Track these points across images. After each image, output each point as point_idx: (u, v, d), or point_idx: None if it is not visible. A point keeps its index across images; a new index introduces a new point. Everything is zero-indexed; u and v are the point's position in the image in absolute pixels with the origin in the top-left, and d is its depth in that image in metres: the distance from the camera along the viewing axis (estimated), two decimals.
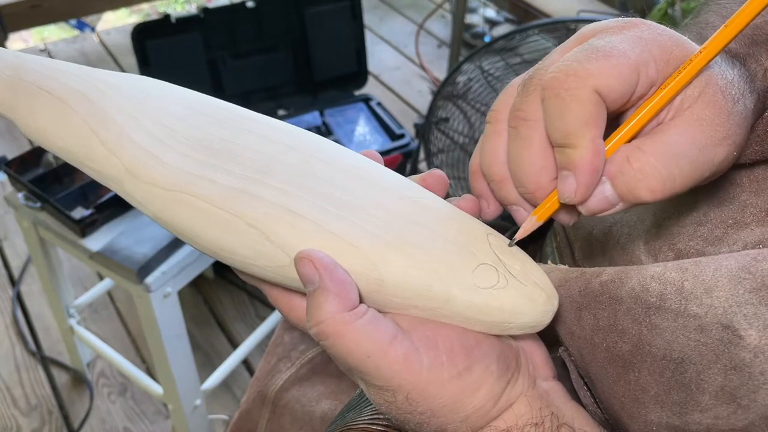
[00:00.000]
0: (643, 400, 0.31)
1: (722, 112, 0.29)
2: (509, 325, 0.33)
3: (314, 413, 0.54)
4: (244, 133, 0.36)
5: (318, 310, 0.30)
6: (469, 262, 0.33)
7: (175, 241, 1.08)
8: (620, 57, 0.28)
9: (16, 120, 0.36)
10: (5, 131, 2.19)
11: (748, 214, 0.33)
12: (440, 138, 1.46)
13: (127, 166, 0.34)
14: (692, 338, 0.29)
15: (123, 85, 0.37)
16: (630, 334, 0.32)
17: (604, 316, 0.33)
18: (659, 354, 0.31)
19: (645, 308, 0.31)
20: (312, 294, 0.31)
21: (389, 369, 0.30)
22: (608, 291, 0.33)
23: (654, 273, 0.32)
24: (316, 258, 0.31)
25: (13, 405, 1.46)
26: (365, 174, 0.35)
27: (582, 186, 0.29)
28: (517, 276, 0.33)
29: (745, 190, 0.34)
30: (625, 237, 0.38)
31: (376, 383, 0.31)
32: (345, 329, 0.30)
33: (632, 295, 0.32)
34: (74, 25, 2.73)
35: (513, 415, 0.33)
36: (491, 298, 0.32)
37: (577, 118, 0.28)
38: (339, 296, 0.30)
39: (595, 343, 0.34)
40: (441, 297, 0.32)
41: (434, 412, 0.32)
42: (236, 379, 1.49)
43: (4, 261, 1.78)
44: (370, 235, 0.32)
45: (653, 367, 0.31)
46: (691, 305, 0.30)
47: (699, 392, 0.29)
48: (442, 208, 0.35)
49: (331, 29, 1.76)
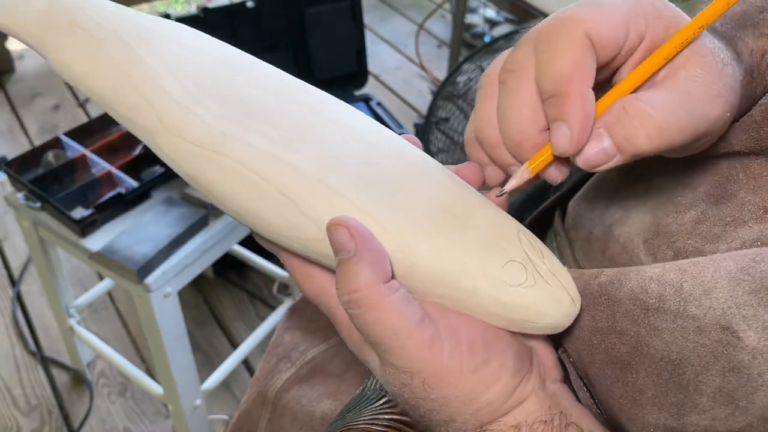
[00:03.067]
0: (641, 401, 0.31)
1: (714, 70, 0.30)
2: (531, 325, 0.33)
3: (314, 413, 0.54)
4: (280, 98, 0.35)
5: (353, 277, 0.30)
6: (499, 257, 0.32)
7: (175, 241, 1.08)
8: (611, 7, 0.29)
9: (48, 55, 0.34)
10: (5, 131, 2.19)
11: (746, 212, 0.33)
12: (440, 138, 1.46)
13: (160, 118, 0.33)
14: (691, 339, 0.29)
15: (162, 35, 0.35)
16: (628, 336, 0.32)
17: (603, 317, 0.33)
18: (658, 355, 0.31)
19: (644, 309, 0.31)
20: (346, 262, 0.30)
21: (413, 350, 0.30)
22: (607, 292, 0.33)
23: (653, 274, 0.32)
24: (352, 226, 0.30)
25: (13, 405, 1.46)
26: (403, 157, 0.34)
27: (576, 134, 0.29)
28: (545, 276, 0.33)
29: (742, 187, 0.34)
30: (625, 236, 0.38)
31: (395, 362, 0.31)
32: (378, 301, 0.30)
33: (631, 296, 0.32)
34: None
35: (523, 412, 0.33)
36: (518, 295, 0.32)
37: (567, 62, 0.28)
38: (375, 267, 0.30)
39: (594, 345, 0.34)
40: (468, 289, 0.32)
41: (447, 402, 0.31)
42: (236, 379, 1.49)
43: (4, 261, 1.78)
44: (403, 220, 0.32)
45: (651, 369, 0.31)
46: (689, 306, 0.30)
47: (697, 394, 0.29)
48: (476, 200, 0.34)
49: (331, 29, 1.76)
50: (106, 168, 1.17)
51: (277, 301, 1.62)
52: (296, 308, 0.64)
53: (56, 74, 1.58)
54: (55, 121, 2.23)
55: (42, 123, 2.23)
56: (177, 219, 1.11)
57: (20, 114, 2.27)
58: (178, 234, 1.09)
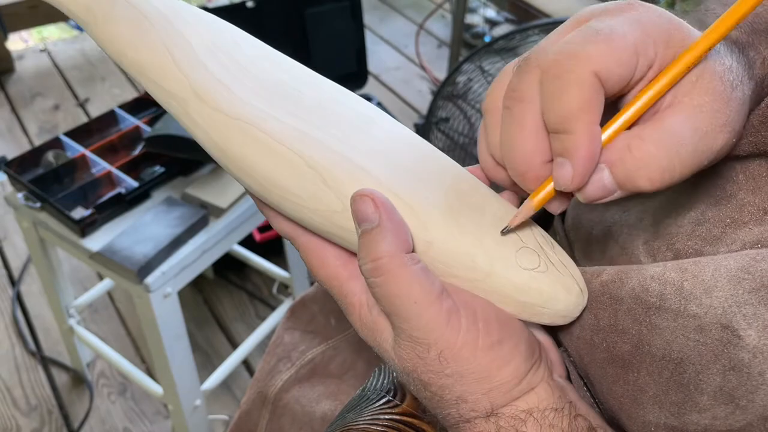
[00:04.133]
0: (642, 400, 0.31)
1: (721, 98, 0.29)
2: (543, 310, 0.34)
3: (314, 414, 0.54)
4: (311, 88, 0.37)
5: (376, 246, 0.30)
6: (513, 242, 0.33)
7: (175, 241, 1.08)
8: (620, 40, 0.28)
9: (89, 24, 0.37)
10: (5, 131, 2.19)
11: (746, 213, 0.33)
12: (440, 138, 1.46)
13: (195, 88, 0.35)
14: (692, 338, 0.29)
15: (203, 20, 0.38)
16: (630, 335, 0.32)
17: (605, 316, 0.33)
18: (659, 354, 0.31)
19: (645, 308, 0.31)
20: (369, 231, 0.31)
21: (432, 320, 0.31)
22: (609, 291, 0.33)
23: (654, 273, 0.32)
24: (377, 198, 0.31)
25: (13, 405, 1.46)
26: (423, 149, 0.36)
27: (579, 173, 0.29)
28: (556, 265, 0.34)
29: (741, 188, 0.34)
30: (625, 237, 0.38)
31: (413, 333, 0.31)
32: (401, 270, 0.30)
33: (632, 295, 0.32)
34: (74, 25, 2.73)
35: (536, 397, 0.33)
36: (531, 279, 0.33)
37: (575, 101, 0.28)
38: (397, 237, 0.31)
39: (595, 344, 0.34)
40: (484, 270, 0.33)
41: (461, 377, 0.32)
42: (236, 379, 1.49)
43: (4, 261, 1.78)
44: (425, 200, 0.33)
45: (652, 368, 0.31)
46: (690, 305, 0.30)
47: (697, 392, 0.29)
48: (490, 192, 0.36)
49: (331, 29, 1.76)
50: (106, 168, 1.17)
51: (277, 301, 1.62)
52: (296, 308, 0.64)
53: (58, 74, 1.58)
54: (55, 121, 2.23)
55: (42, 123, 2.23)
56: (177, 219, 1.11)
57: (20, 114, 2.27)
58: (178, 234, 1.09)
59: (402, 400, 0.41)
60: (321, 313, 0.62)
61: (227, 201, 1.16)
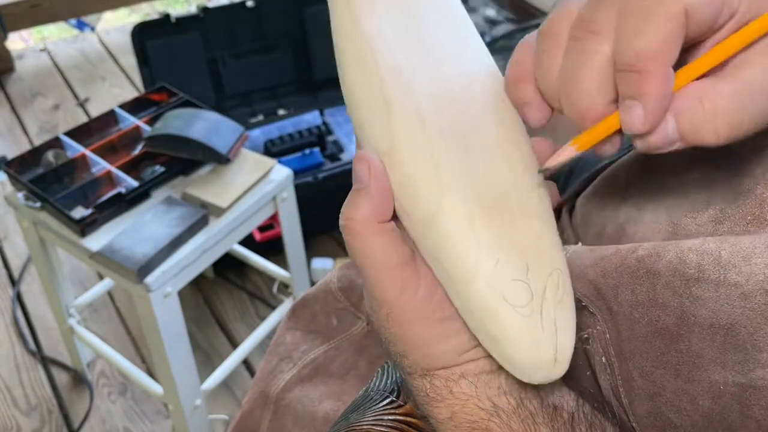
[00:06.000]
0: (701, 363, 0.31)
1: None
2: (496, 346, 0.31)
3: (316, 414, 0.54)
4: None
5: (354, 207, 0.33)
6: (515, 270, 0.31)
7: (175, 241, 1.08)
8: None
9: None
10: (5, 131, 2.19)
11: (767, 210, 0.33)
12: None
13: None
14: (738, 305, 0.29)
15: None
16: (672, 307, 0.32)
17: (643, 290, 0.33)
18: (706, 323, 0.30)
19: (684, 280, 0.31)
20: (356, 192, 0.33)
21: (386, 285, 0.33)
22: (645, 266, 0.33)
23: (692, 245, 0.32)
24: (373, 164, 0.33)
25: (13, 405, 1.46)
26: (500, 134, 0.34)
27: (651, 117, 0.27)
28: (544, 320, 0.31)
29: (759, 182, 0.34)
30: (640, 235, 0.38)
31: (370, 289, 0.34)
32: (367, 235, 0.32)
33: (670, 268, 0.32)
34: (74, 24, 2.73)
35: (475, 367, 0.34)
36: (505, 312, 0.31)
37: (660, 36, 0.26)
38: (376, 205, 0.32)
39: (635, 319, 0.33)
40: (465, 275, 0.31)
41: (401, 338, 0.34)
42: (236, 379, 1.49)
43: (4, 261, 1.77)
44: (460, 181, 0.32)
45: (703, 335, 0.31)
46: (730, 274, 0.30)
47: (756, 351, 0.29)
48: (541, 209, 0.33)
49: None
50: (106, 168, 1.17)
51: (277, 301, 1.62)
52: (297, 308, 0.64)
53: (58, 74, 1.57)
54: (55, 121, 2.23)
55: (42, 123, 2.22)
56: (177, 219, 1.11)
57: (20, 114, 2.26)
58: (178, 234, 1.09)
59: (405, 400, 0.41)
60: (322, 312, 0.62)
61: (227, 201, 1.15)
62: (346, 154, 1.65)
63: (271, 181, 1.23)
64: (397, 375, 0.43)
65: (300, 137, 1.65)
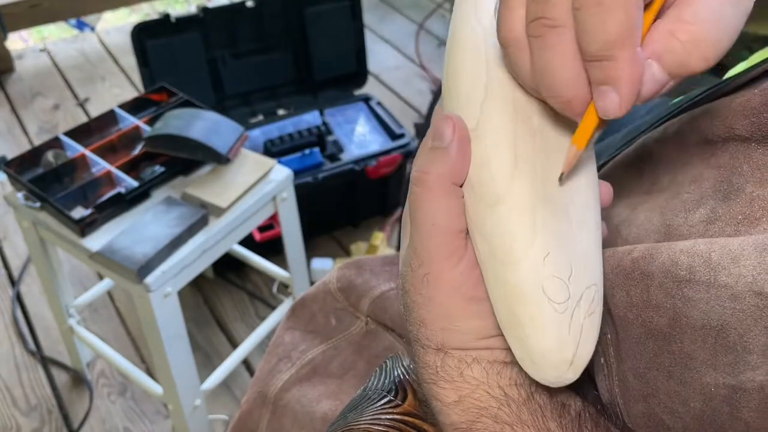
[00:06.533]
0: (693, 365, 0.31)
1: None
2: (519, 333, 0.32)
3: (315, 414, 0.54)
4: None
5: (432, 162, 0.33)
6: (561, 268, 0.32)
7: (175, 241, 1.08)
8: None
9: None
10: (5, 131, 2.19)
11: (757, 208, 0.33)
12: None
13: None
14: (727, 306, 0.30)
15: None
16: (665, 308, 0.32)
17: (637, 292, 0.33)
18: (698, 324, 0.31)
19: (676, 282, 0.31)
20: (436, 149, 0.33)
21: (436, 247, 0.33)
22: (639, 267, 0.33)
23: (683, 247, 0.32)
24: (459, 126, 0.33)
25: (13, 405, 1.46)
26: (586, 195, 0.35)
27: (626, 99, 0.28)
28: (573, 323, 0.32)
29: (748, 180, 0.34)
30: (633, 236, 0.38)
31: (417, 246, 0.34)
32: (438, 192, 0.33)
33: (662, 269, 0.32)
34: (74, 24, 2.73)
35: (489, 354, 0.34)
36: (539, 303, 0.31)
37: (622, 26, 0.26)
38: (454, 166, 0.32)
39: (629, 320, 0.34)
40: (511, 258, 0.32)
41: (429, 302, 0.34)
42: (236, 379, 1.49)
43: (4, 261, 1.77)
44: (529, 174, 0.32)
45: (695, 336, 0.31)
46: (720, 276, 0.30)
47: (746, 353, 0.30)
48: (591, 229, 0.34)
49: (331, 29, 1.76)
50: (106, 168, 1.17)
51: (277, 301, 1.62)
52: (296, 308, 0.64)
53: (57, 74, 1.57)
54: (54, 121, 2.23)
55: (42, 123, 2.23)
56: (177, 219, 1.11)
57: (20, 114, 2.27)
58: (178, 234, 1.09)
59: (403, 400, 0.41)
60: (321, 312, 0.62)
61: (227, 201, 1.15)
62: (345, 154, 1.65)
63: (271, 181, 1.23)
64: (395, 374, 0.43)
65: (300, 137, 1.65)
